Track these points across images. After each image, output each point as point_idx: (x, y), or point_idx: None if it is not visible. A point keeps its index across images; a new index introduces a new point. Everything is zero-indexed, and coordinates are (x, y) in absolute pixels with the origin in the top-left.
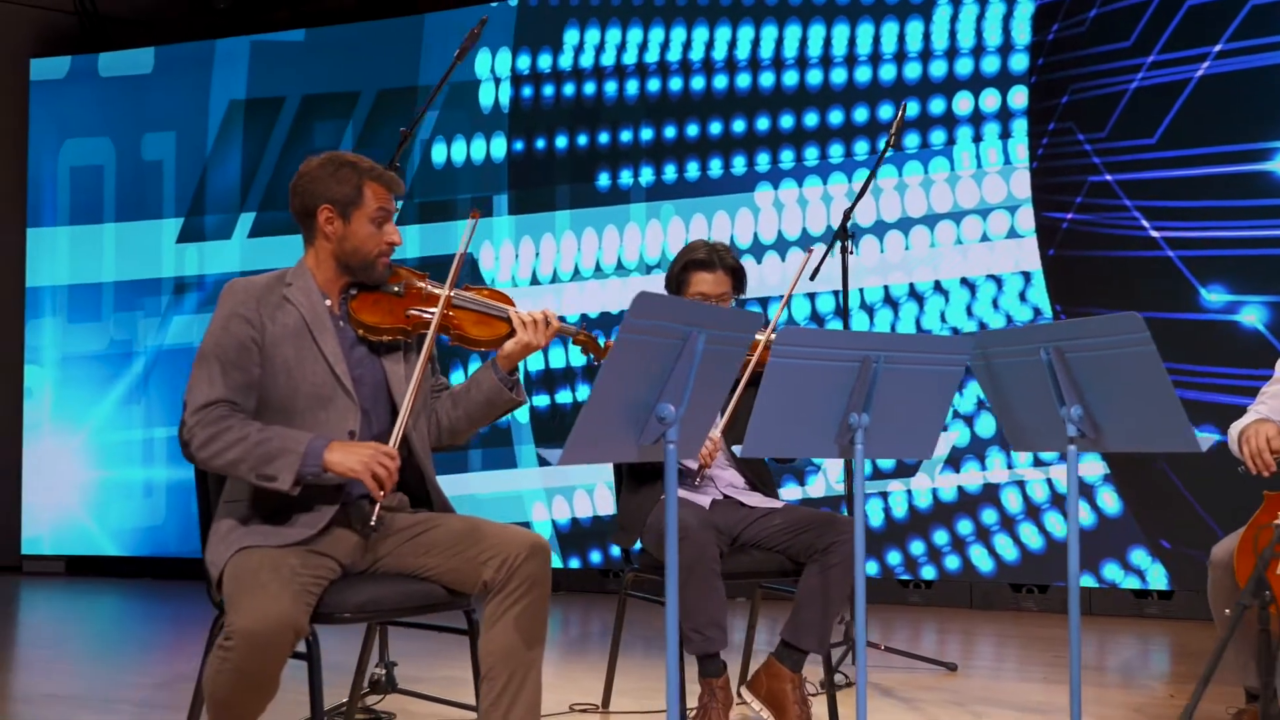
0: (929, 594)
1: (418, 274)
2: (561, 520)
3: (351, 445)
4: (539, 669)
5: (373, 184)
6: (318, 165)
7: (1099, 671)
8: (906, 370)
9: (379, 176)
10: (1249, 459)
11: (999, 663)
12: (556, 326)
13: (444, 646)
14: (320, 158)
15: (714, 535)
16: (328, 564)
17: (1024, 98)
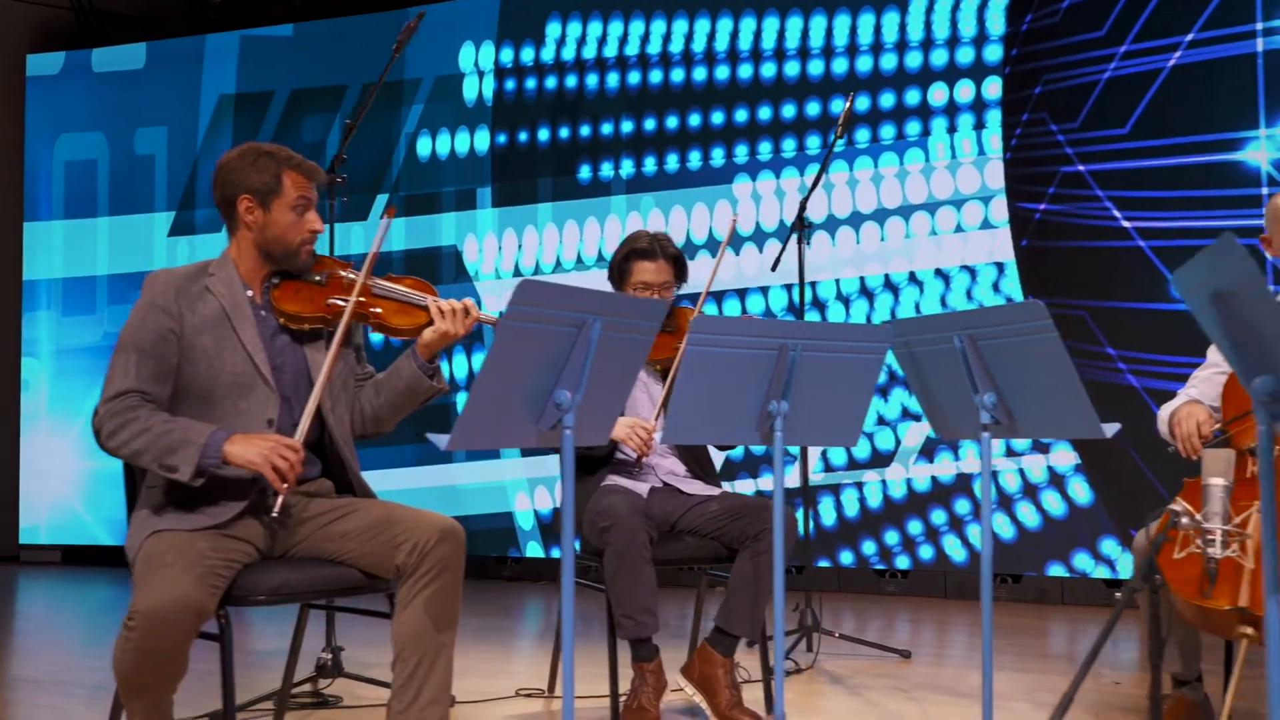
0: (904, 584)
1: (341, 263)
2: (544, 510)
3: (253, 437)
4: (450, 651)
5: (291, 173)
6: (236, 156)
7: (1064, 660)
8: (826, 358)
9: (298, 165)
10: (1180, 442)
11: (956, 651)
12: (476, 315)
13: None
14: (239, 148)
15: (643, 522)
16: (242, 548)
17: (998, 88)
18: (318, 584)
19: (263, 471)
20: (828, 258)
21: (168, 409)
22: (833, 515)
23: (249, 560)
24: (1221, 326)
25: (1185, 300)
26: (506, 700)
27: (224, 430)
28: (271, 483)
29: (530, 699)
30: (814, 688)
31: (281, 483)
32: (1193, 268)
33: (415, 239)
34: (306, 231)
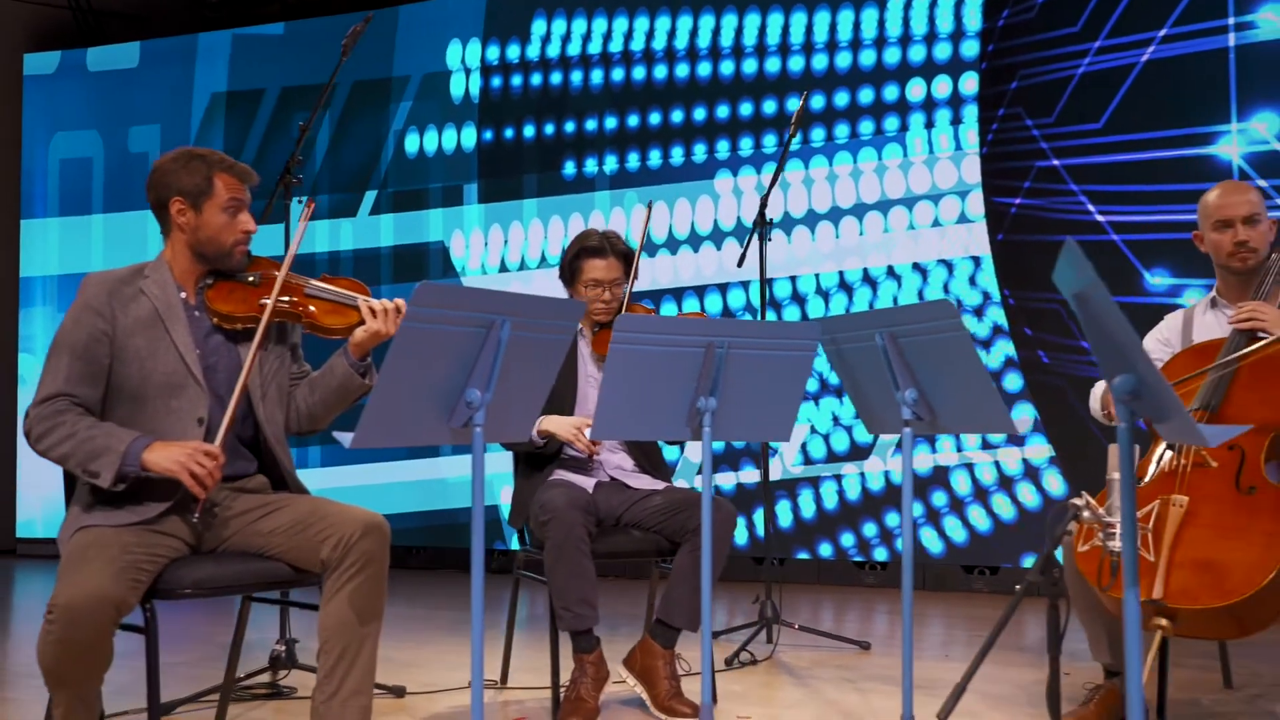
0: (884, 576)
1: (276, 263)
2: None
3: (171, 445)
4: (374, 643)
5: (223, 174)
6: (169, 159)
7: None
8: (755, 356)
9: (229, 168)
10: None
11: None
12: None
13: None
14: (172, 153)
15: (581, 516)
16: (169, 543)
17: (975, 83)
18: (244, 578)
19: (180, 478)
20: (807, 253)
21: (100, 409)
22: (811, 508)
23: (176, 555)
24: (1085, 326)
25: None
26: (460, 691)
27: (143, 439)
28: (189, 488)
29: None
30: (764, 679)
31: (199, 488)
32: (1058, 271)
33: (404, 235)
34: (239, 232)
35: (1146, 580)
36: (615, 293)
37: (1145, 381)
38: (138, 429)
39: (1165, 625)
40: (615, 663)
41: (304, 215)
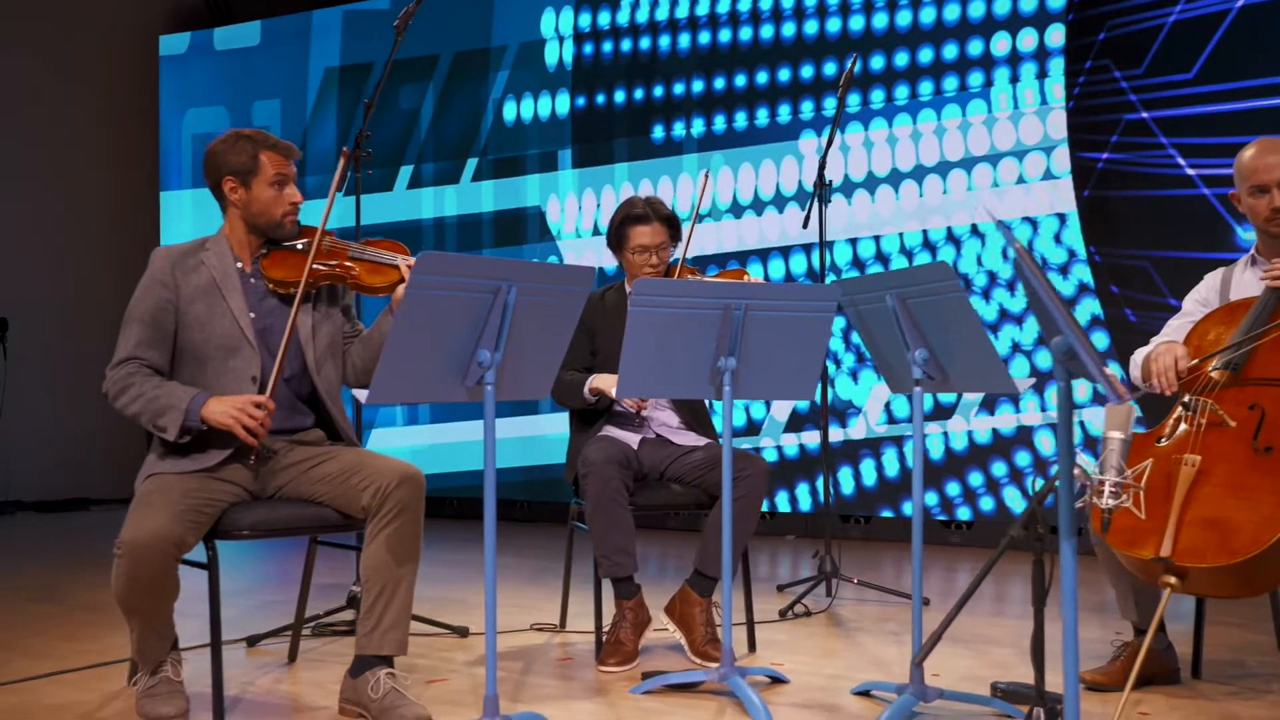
0: (969, 535)
1: (327, 233)
2: None
3: (224, 400)
4: (410, 583)
5: (268, 152)
6: (219, 142)
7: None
8: (773, 317)
9: (274, 146)
10: (1156, 377)
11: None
12: None
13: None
14: (222, 135)
15: (617, 470)
16: (229, 489)
17: (1061, 35)
18: (296, 522)
19: (233, 430)
20: (891, 212)
21: (169, 370)
22: (895, 467)
23: (236, 500)
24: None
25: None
26: (520, 632)
27: (201, 395)
28: (241, 438)
29: (541, 632)
30: (811, 630)
31: (250, 437)
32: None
33: (503, 201)
34: (287, 204)
35: (1155, 538)
36: (662, 257)
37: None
38: (200, 387)
39: (1174, 583)
40: (659, 610)
41: (339, 171)
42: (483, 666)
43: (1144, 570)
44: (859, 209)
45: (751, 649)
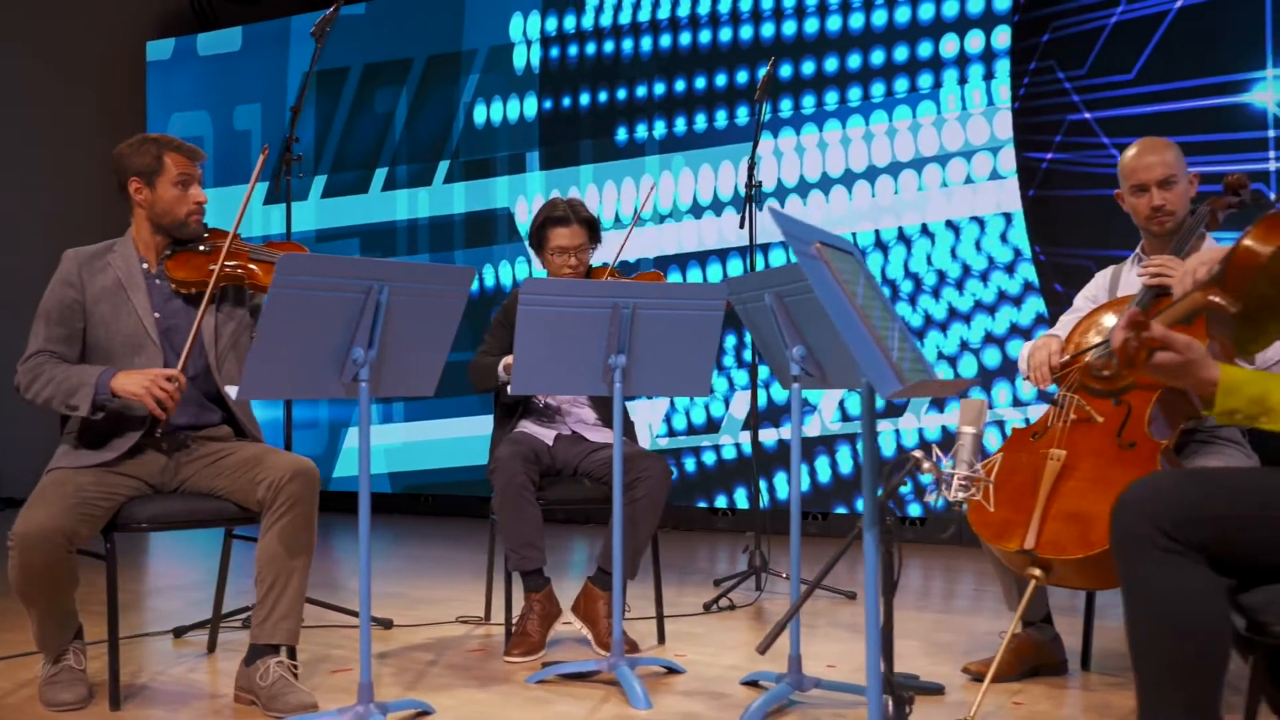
0: (920, 531)
1: (226, 234)
2: None
3: (134, 372)
4: (302, 574)
5: (172, 154)
6: (126, 145)
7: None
8: (661, 315)
9: (178, 147)
10: (1032, 371)
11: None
12: None
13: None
14: (130, 139)
15: (522, 465)
16: (128, 483)
17: (1007, 37)
18: (194, 515)
19: (144, 400)
20: (844, 212)
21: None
22: (849, 464)
23: (136, 494)
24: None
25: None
26: (442, 625)
27: (110, 370)
28: (151, 410)
29: (465, 624)
30: (727, 623)
31: (160, 409)
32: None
33: (474, 202)
34: (192, 204)
35: (1021, 531)
36: (581, 258)
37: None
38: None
39: (1039, 575)
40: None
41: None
42: (393, 657)
43: (1012, 562)
44: (814, 209)
45: (660, 641)
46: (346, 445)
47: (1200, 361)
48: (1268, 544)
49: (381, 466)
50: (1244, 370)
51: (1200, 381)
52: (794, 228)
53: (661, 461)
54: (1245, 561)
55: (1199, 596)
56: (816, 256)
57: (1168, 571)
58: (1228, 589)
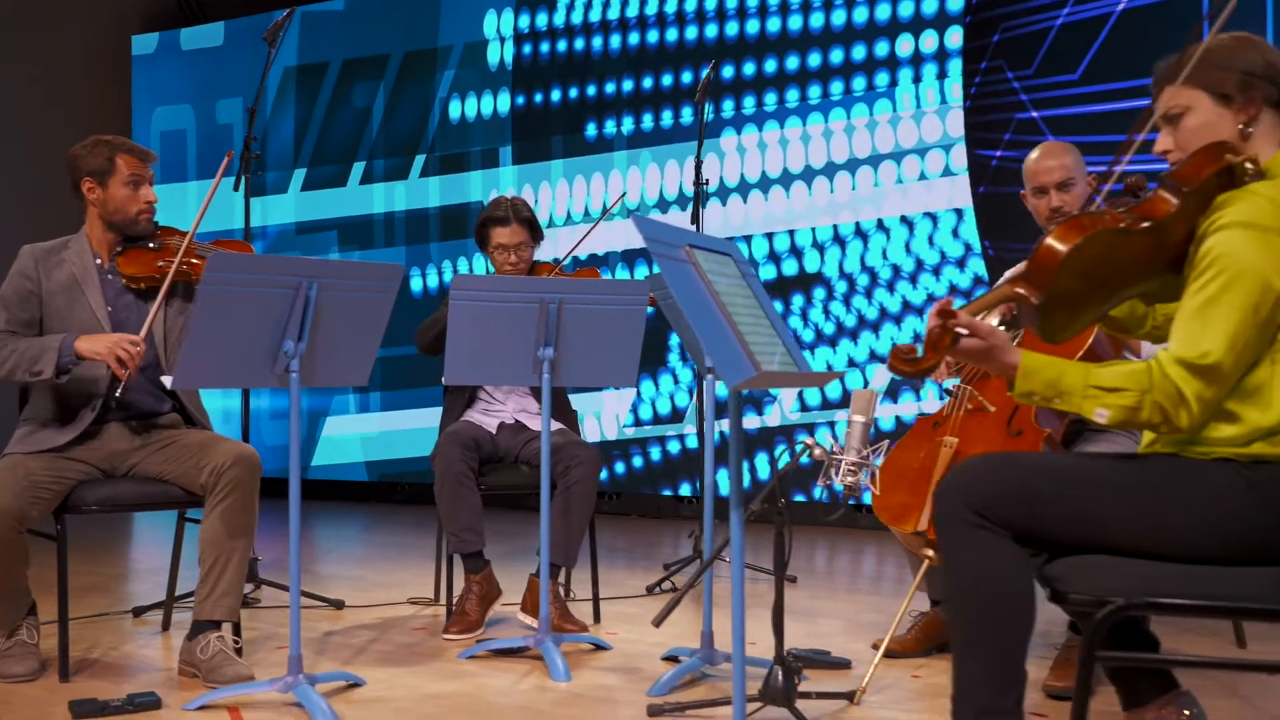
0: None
1: (179, 232)
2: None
3: (98, 335)
4: (242, 555)
5: (124, 155)
6: (80, 146)
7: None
8: (587, 310)
9: (130, 149)
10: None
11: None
12: None
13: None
14: (85, 141)
15: (459, 452)
16: (78, 467)
17: (959, 37)
18: (141, 499)
19: (108, 360)
20: (805, 206)
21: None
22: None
23: (86, 478)
24: None
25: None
26: (392, 605)
27: (72, 334)
28: (114, 369)
29: (416, 605)
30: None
31: (122, 368)
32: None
33: (449, 196)
34: (142, 203)
35: (916, 513)
36: (521, 255)
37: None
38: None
39: (931, 556)
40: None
41: (218, 175)
42: (339, 634)
43: (910, 543)
44: (775, 204)
45: (596, 620)
46: (325, 433)
47: (1002, 347)
48: (1064, 521)
49: (358, 455)
50: (1042, 357)
51: (1003, 365)
52: (658, 233)
53: (593, 450)
54: (1048, 537)
55: (1003, 567)
56: (685, 260)
57: (976, 546)
58: (1042, 562)
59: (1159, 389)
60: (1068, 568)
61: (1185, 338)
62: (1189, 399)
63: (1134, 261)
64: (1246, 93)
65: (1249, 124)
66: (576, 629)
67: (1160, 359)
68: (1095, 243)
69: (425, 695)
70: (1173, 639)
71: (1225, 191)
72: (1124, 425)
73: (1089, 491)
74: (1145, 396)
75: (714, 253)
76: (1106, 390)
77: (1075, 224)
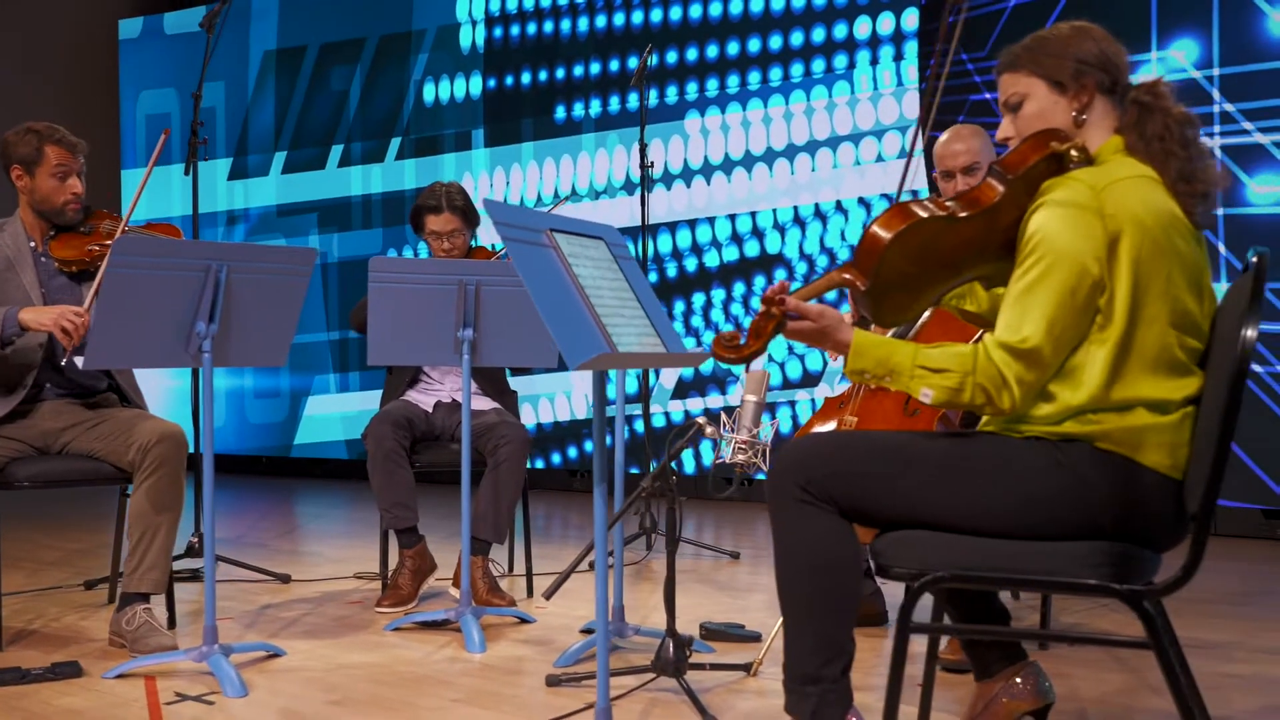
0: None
1: (111, 216)
2: (547, 422)
3: (43, 309)
4: (169, 529)
5: (53, 146)
6: (12, 133)
7: None
8: (505, 292)
9: (59, 140)
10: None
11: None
12: None
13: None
14: (17, 128)
15: (390, 430)
16: (10, 445)
17: (915, 19)
18: (71, 475)
19: (53, 330)
20: (766, 188)
21: None
22: (785, 429)
23: (19, 455)
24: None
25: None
26: (343, 579)
27: (16, 307)
28: (59, 339)
29: (361, 580)
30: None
31: (68, 338)
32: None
33: (424, 178)
34: (69, 194)
35: None
36: (454, 242)
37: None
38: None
39: None
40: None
41: (153, 155)
42: (276, 607)
43: None
44: (738, 185)
45: (529, 595)
46: (306, 413)
47: (835, 327)
48: (888, 497)
49: (338, 434)
50: (873, 336)
51: (837, 344)
52: (514, 217)
53: (521, 430)
54: (874, 512)
55: (826, 540)
56: (545, 244)
57: (802, 520)
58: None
59: (982, 371)
60: (891, 542)
61: (1008, 323)
62: (1010, 382)
63: (962, 247)
64: (1080, 80)
65: (1082, 111)
66: (503, 603)
67: (985, 342)
68: (920, 230)
69: (338, 665)
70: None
71: (1053, 178)
72: (948, 405)
73: (913, 470)
74: (968, 379)
75: (583, 236)
76: (932, 371)
77: (900, 210)
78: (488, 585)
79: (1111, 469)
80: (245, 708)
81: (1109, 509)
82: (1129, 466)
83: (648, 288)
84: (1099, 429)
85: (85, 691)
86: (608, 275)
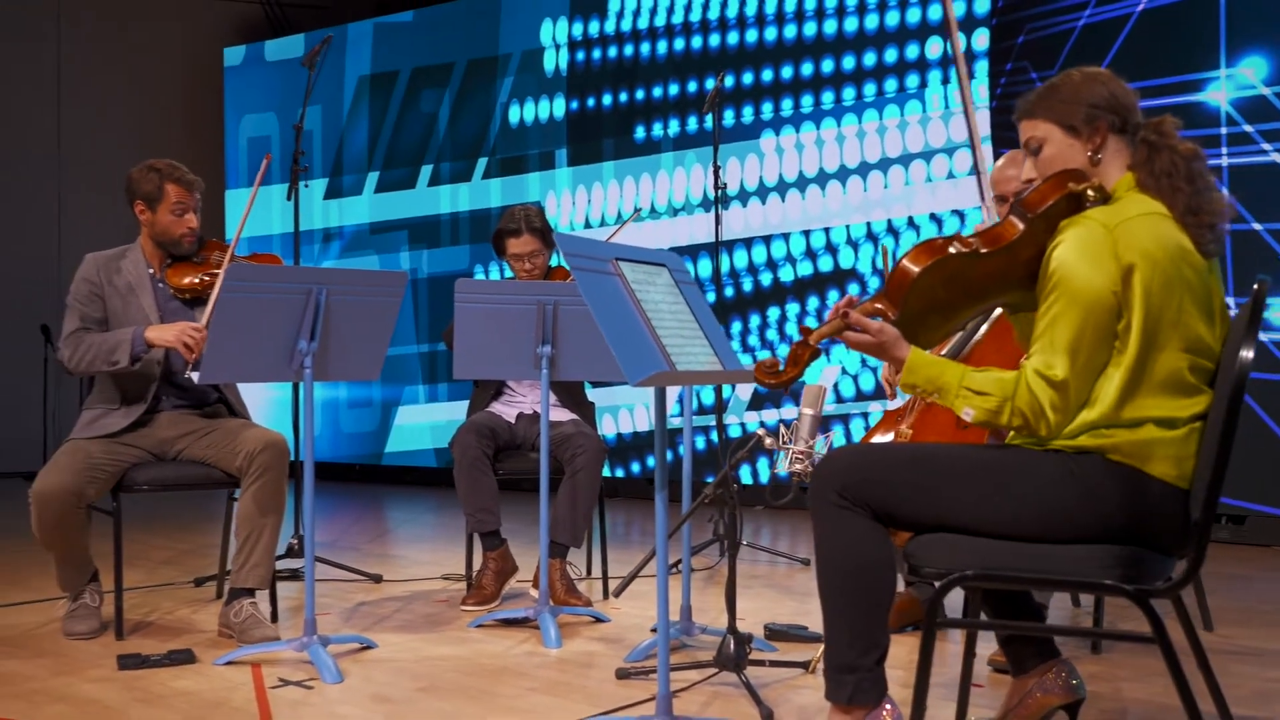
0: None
1: (221, 247)
2: (627, 432)
3: (165, 326)
4: (273, 530)
5: (172, 184)
6: (136, 170)
7: None
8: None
9: (179, 178)
10: (885, 384)
11: None
12: None
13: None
14: (141, 165)
15: (474, 439)
16: (132, 452)
17: (986, 39)
18: (185, 479)
19: (175, 345)
20: (840, 205)
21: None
22: (841, 440)
23: (139, 460)
24: None
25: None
26: (425, 580)
27: (142, 326)
28: (182, 354)
29: (449, 581)
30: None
31: (189, 352)
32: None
33: (509, 197)
34: (185, 228)
35: None
36: (535, 263)
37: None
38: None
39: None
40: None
41: (256, 180)
42: (370, 605)
43: None
44: (811, 202)
45: (605, 596)
46: (397, 423)
47: (891, 343)
48: (920, 503)
49: (427, 443)
50: (927, 355)
51: (893, 359)
52: (581, 248)
53: (598, 440)
54: (906, 517)
55: (862, 543)
56: (611, 272)
57: (840, 523)
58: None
59: (1021, 398)
60: (922, 544)
61: (1039, 353)
62: (1046, 410)
63: (987, 279)
64: (1092, 124)
65: (1097, 151)
66: (580, 603)
67: (1025, 370)
68: (945, 266)
69: (425, 657)
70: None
71: (1072, 215)
72: (987, 425)
73: (941, 478)
74: (1007, 403)
75: (646, 264)
76: (975, 393)
77: (927, 247)
78: (565, 586)
79: (1121, 479)
80: (341, 692)
81: (1119, 515)
82: (1138, 477)
83: (707, 309)
84: (1110, 442)
85: (198, 676)
86: (669, 299)
